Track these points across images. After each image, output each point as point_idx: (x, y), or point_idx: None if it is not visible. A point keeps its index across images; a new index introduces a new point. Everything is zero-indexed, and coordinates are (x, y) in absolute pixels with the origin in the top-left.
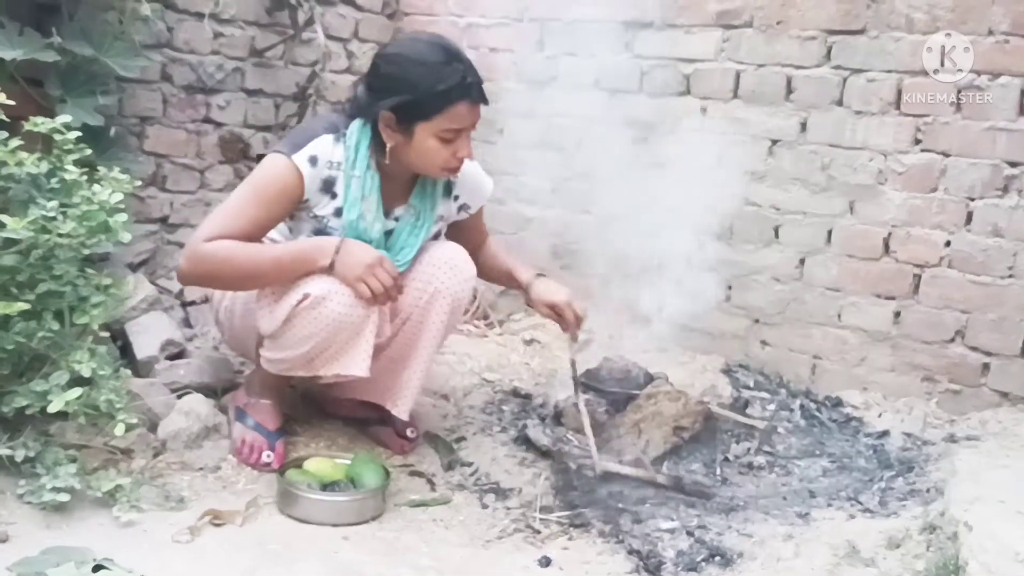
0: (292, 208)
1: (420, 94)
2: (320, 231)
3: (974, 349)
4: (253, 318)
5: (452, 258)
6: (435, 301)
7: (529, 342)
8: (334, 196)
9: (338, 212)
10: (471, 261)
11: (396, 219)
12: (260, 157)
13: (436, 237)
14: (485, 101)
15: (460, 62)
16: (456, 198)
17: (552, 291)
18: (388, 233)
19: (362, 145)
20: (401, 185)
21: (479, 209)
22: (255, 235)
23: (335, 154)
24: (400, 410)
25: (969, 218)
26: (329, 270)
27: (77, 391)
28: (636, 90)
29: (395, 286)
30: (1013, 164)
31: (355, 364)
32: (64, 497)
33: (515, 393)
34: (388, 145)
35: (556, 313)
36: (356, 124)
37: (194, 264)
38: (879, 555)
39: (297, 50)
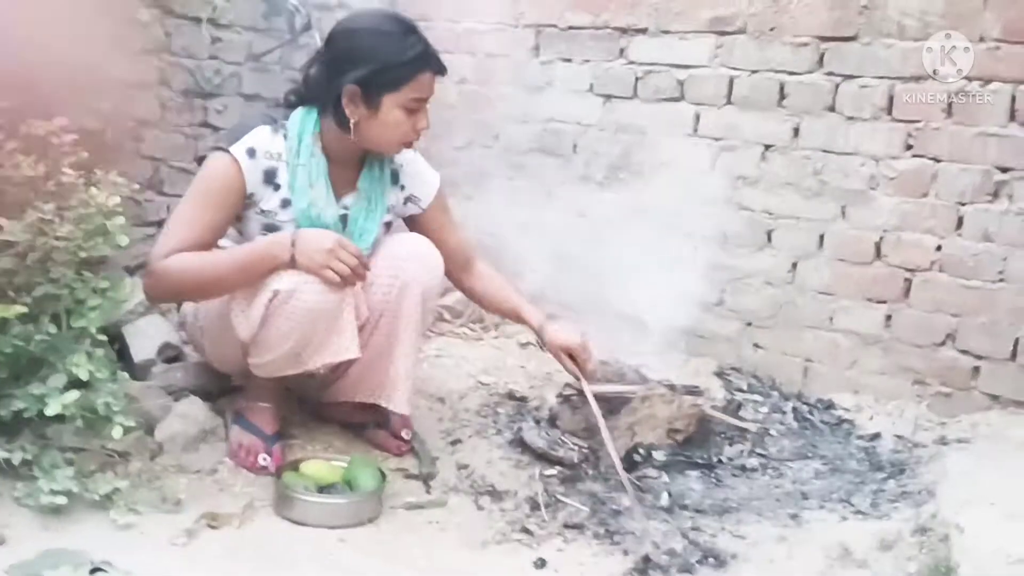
0: (240, 204)
1: (389, 64)
2: (269, 227)
3: (965, 352)
4: (231, 330)
5: (416, 248)
6: (406, 293)
7: (524, 345)
8: (277, 188)
9: (284, 204)
10: (436, 249)
11: (345, 207)
12: (201, 160)
13: (388, 229)
14: (444, 71)
15: (418, 33)
16: (403, 188)
17: (568, 333)
18: (343, 220)
19: (305, 133)
20: (347, 172)
21: (443, 209)
22: (210, 240)
23: (274, 144)
24: (396, 404)
25: (960, 223)
26: (291, 264)
27: (74, 394)
28: (630, 96)
29: (361, 264)
30: (1004, 170)
31: (344, 348)
32: (61, 500)
33: (510, 396)
34: (352, 121)
35: (572, 356)
36: (298, 113)
37: (156, 282)
38: (871, 557)
39: (294, 55)
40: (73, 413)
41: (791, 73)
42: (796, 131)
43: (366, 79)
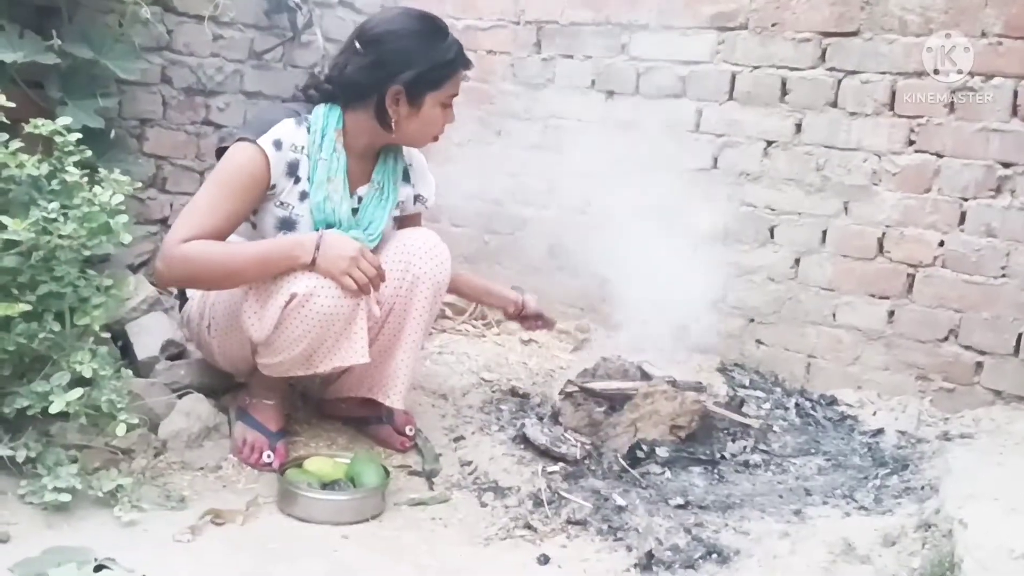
0: (261, 195)
1: (435, 64)
2: (285, 219)
3: (967, 348)
4: (240, 329)
5: (427, 243)
6: (416, 288)
7: (527, 342)
8: (297, 180)
9: (303, 196)
10: (445, 245)
11: (359, 198)
12: (221, 152)
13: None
14: (471, 67)
15: (449, 31)
16: (413, 186)
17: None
18: (354, 211)
19: (329, 128)
20: (364, 166)
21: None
22: (228, 229)
23: (298, 137)
24: (393, 400)
25: (962, 218)
26: (311, 266)
27: (78, 391)
28: (632, 92)
29: (379, 274)
30: (1006, 165)
31: (353, 353)
32: (65, 497)
33: (513, 392)
34: (393, 120)
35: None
36: (321, 109)
37: (171, 267)
38: (875, 552)
39: (296, 52)
40: (77, 410)
41: (793, 69)
42: (798, 127)
43: (412, 81)
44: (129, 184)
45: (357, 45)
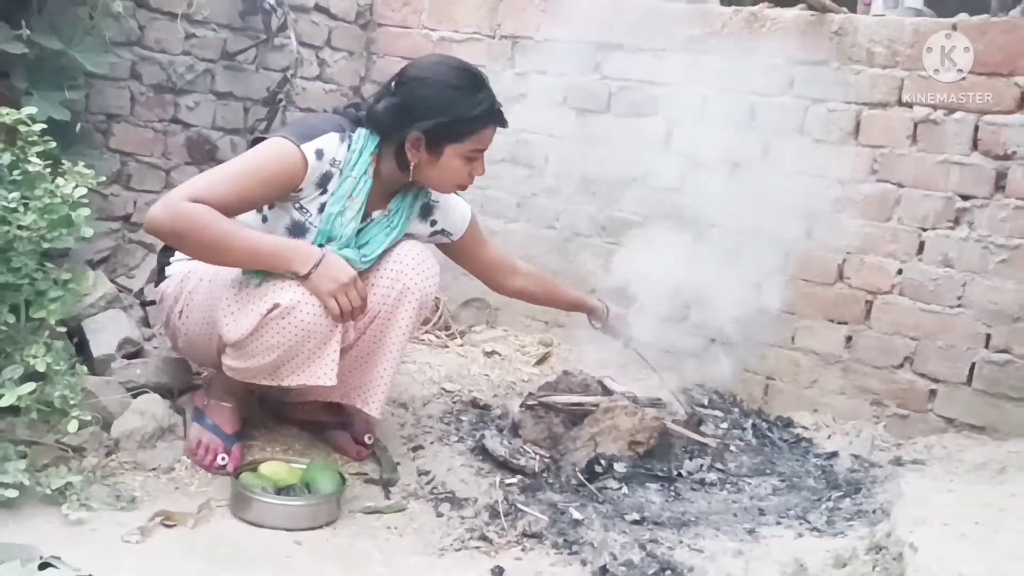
0: (283, 194)
1: (456, 118)
2: (299, 225)
3: (922, 375)
4: (213, 324)
5: (418, 256)
6: (403, 299)
7: (489, 354)
8: (324, 192)
9: (322, 208)
10: (435, 258)
11: (371, 220)
12: (256, 141)
13: None
14: (506, 125)
15: (487, 87)
16: (433, 223)
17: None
18: (358, 232)
19: (366, 152)
20: (386, 195)
21: (476, 234)
22: (237, 209)
23: (339, 153)
24: (372, 408)
25: (921, 248)
26: (303, 279)
27: (30, 386)
28: (604, 110)
29: (361, 307)
30: (965, 197)
31: (322, 374)
32: (12, 493)
33: (474, 404)
34: (412, 164)
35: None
36: (363, 131)
37: (169, 218)
38: (826, 573)
39: (269, 55)
40: (28, 405)
41: (762, 95)
42: (765, 151)
43: (432, 130)
44: (92, 177)
45: (392, 85)
